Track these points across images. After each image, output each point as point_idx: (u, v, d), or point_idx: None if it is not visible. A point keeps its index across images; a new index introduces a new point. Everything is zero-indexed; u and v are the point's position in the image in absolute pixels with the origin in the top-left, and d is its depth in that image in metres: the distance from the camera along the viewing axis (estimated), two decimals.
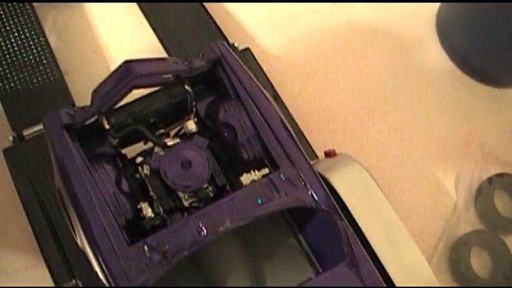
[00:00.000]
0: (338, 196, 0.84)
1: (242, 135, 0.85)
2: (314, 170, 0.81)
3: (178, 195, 0.82)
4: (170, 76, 0.86)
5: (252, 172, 0.82)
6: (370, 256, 0.79)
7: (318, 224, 0.83)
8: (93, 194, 0.76)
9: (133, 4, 1.27)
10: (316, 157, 1.08)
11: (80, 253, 0.82)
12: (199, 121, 0.90)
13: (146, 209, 0.80)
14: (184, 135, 0.90)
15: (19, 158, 1.03)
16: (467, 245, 1.10)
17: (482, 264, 1.12)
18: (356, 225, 0.82)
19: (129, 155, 0.89)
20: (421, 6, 1.40)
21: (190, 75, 0.88)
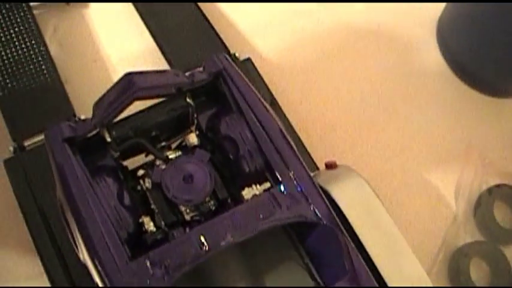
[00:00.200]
0: (339, 209, 0.84)
1: (244, 148, 0.85)
2: (316, 184, 0.81)
3: (180, 208, 0.82)
4: (172, 88, 0.86)
5: (254, 186, 0.82)
6: (370, 269, 0.79)
7: (320, 239, 0.83)
8: (94, 208, 0.76)
9: (134, 13, 1.27)
10: (317, 168, 1.08)
11: (82, 266, 0.82)
12: (200, 133, 0.90)
13: (148, 224, 0.80)
14: (185, 147, 0.90)
15: (20, 169, 1.03)
16: (467, 256, 1.10)
17: (481, 275, 1.12)
18: (357, 238, 0.82)
19: (131, 164, 0.89)
20: (422, 13, 1.41)
21: (191, 87, 0.88)
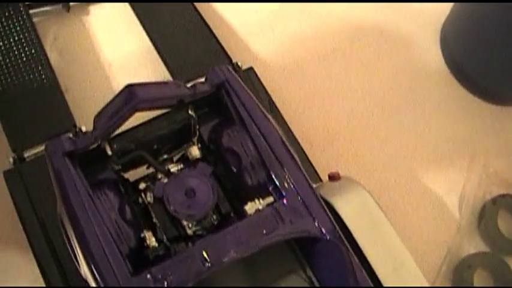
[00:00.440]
0: (342, 222, 0.83)
1: (246, 161, 0.84)
2: (319, 199, 0.80)
3: (182, 223, 0.81)
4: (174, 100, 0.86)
5: (257, 200, 0.81)
6: (374, 282, 0.78)
7: (323, 253, 0.82)
8: (95, 223, 0.75)
9: (134, 20, 1.26)
10: (320, 180, 1.07)
11: (82, 282, 0.81)
12: (202, 145, 0.89)
13: (150, 239, 0.79)
14: (187, 159, 0.89)
15: (19, 180, 1.02)
16: (470, 268, 1.09)
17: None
18: (360, 251, 0.82)
19: (132, 176, 0.88)
20: (425, 16, 1.40)
21: (193, 99, 0.87)
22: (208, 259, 0.73)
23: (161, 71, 1.22)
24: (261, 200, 0.81)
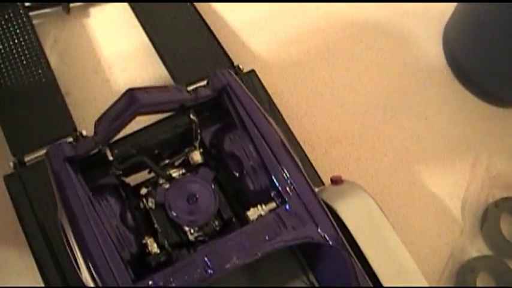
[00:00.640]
0: (345, 226, 0.83)
1: (248, 166, 0.84)
2: (322, 204, 0.80)
3: (184, 229, 0.80)
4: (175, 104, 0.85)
5: (259, 206, 0.80)
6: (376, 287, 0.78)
7: (326, 259, 0.82)
8: (96, 230, 0.75)
9: (135, 23, 1.26)
10: (322, 183, 1.06)
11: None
12: (204, 150, 0.89)
13: (152, 245, 0.79)
14: (189, 164, 0.88)
15: (20, 185, 1.01)
16: (473, 271, 1.09)
17: None
18: (363, 255, 0.81)
19: (133, 179, 0.87)
20: (428, 15, 1.40)
21: (195, 103, 0.86)
22: (210, 266, 0.73)
23: (162, 73, 1.21)
24: (263, 206, 0.80)
